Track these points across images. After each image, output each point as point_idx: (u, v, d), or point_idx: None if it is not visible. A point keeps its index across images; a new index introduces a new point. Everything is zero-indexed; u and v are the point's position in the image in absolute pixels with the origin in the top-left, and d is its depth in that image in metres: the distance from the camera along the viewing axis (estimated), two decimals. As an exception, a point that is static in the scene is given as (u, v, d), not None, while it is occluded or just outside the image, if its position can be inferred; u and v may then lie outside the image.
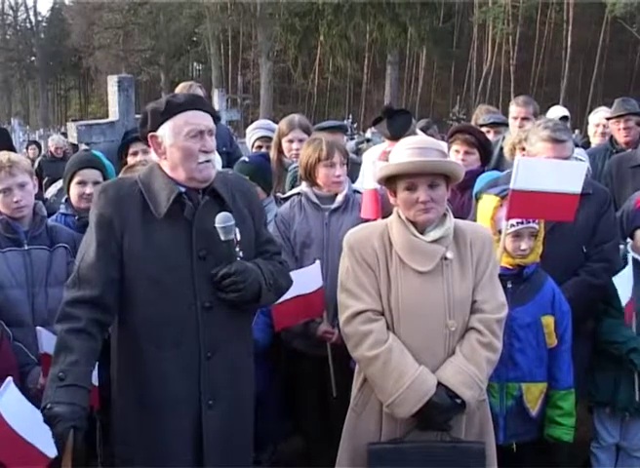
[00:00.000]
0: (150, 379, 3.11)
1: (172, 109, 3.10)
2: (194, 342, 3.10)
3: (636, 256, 4.30)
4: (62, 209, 4.72)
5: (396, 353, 3.10)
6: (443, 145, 3.38)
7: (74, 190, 4.64)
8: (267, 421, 3.56)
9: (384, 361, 3.09)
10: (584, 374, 4.27)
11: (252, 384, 3.39)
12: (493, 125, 6.95)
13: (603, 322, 4.28)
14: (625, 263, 4.27)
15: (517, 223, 3.81)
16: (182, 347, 3.10)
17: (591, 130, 7.14)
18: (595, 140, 7.02)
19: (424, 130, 5.56)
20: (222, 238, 3.07)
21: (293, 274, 3.97)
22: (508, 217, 3.79)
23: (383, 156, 4.80)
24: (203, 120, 3.12)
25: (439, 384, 3.10)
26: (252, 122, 6.32)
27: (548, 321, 3.83)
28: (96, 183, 4.53)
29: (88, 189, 4.55)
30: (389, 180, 3.23)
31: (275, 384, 4.52)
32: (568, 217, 3.91)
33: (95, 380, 3.31)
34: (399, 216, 3.23)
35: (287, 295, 3.96)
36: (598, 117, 7.06)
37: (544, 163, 3.95)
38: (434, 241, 3.18)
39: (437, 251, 3.18)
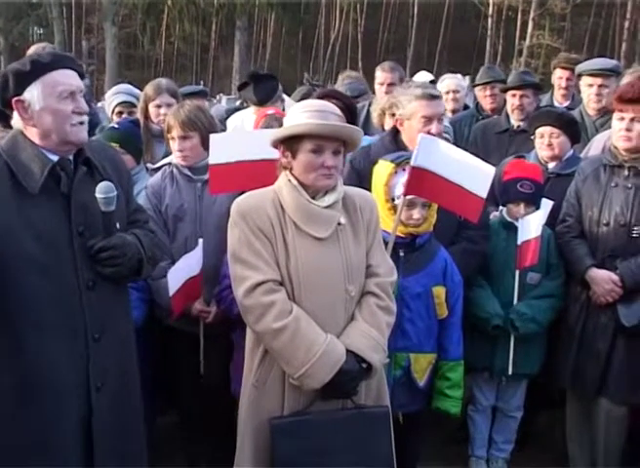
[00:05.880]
0: (32, 367, 2.84)
1: (38, 69, 2.84)
2: (80, 324, 2.90)
3: (512, 221, 4.38)
4: None
5: (303, 323, 3.00)
6: (339, 111, 3.26)
7: None
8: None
9: (292, 331, 2.98)
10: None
11: (136, 361, 3.23)
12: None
13: (472, 292, 4.32)
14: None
15: None
16: (67, 330, 2.88)
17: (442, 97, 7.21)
18: (448, 106, 7.04)
19: None
20: (102, 209, 2.87)
21: (183, 259, 3.89)
22: (406, 194, 3.73)
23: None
24: (74, 80, 2.91)
25: (347, 351, 3.05)
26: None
27: (439, 291, 3.83)
28: None
29: None
30: (285, 141, 3.09)
31: (148, 360, 4.31)
32: (472, 217, 3.89)
33: None
34: (289, 181, 3.11)
35: (180, 280, 3.91)
36: (446, 85, 7.18)
37: (447, 146, 3.90)
38: (328, 206, 3.10)
39: (333, 216, 3.11)
